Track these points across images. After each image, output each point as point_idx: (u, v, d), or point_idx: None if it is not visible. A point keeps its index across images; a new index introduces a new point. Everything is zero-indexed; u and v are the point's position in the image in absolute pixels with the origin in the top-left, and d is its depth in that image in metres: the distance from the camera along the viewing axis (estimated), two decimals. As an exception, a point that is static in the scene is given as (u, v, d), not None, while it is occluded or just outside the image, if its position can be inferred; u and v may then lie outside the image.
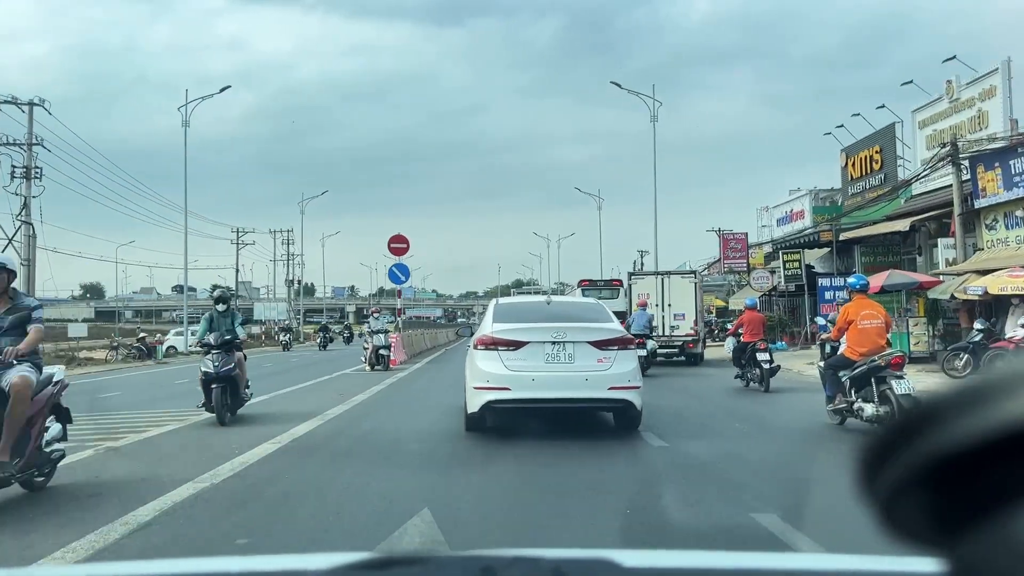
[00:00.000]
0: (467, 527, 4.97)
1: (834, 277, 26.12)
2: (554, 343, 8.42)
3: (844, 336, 9.56)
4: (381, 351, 21.57)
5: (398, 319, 28.52)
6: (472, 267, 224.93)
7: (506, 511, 5.54)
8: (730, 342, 16.50)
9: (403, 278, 26.86)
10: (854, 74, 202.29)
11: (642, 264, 74.73)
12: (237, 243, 67.63)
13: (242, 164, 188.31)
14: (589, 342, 8.45)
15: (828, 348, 11.30)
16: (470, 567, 1.06)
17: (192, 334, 47.48)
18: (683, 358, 22.82)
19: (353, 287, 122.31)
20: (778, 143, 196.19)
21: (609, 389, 8.39)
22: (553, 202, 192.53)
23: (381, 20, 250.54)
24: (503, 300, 10.97)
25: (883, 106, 31.58)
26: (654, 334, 20.88)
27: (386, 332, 21.91)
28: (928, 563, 0.64)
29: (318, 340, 43.54)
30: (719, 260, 40.30)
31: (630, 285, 24.80)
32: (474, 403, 8.55)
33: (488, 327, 8.87)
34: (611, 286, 39.64)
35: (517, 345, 8.44)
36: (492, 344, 8.51)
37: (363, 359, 22.21)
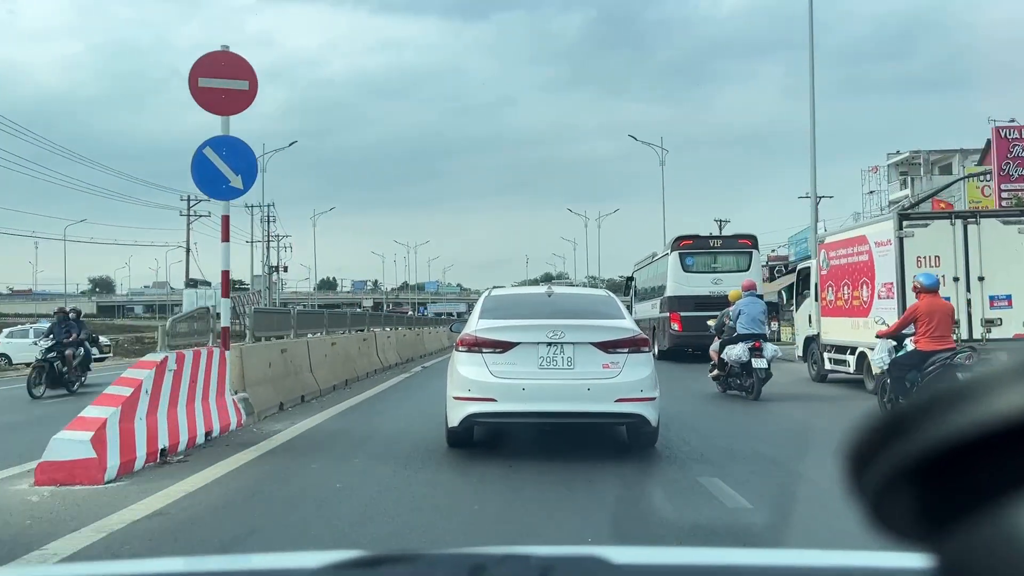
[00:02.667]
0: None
1: None
2: (550, 344, 6.95)
3: None
4: None
5: (239, 305, 10.69)
6: (503, 262, 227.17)
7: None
8: (884, 350, 9.43)
9: (238, 182, 9.11)
10: (886, 65, 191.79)
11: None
12: (188, 214, 51.79)
13: (272, 161, 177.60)
14: (593, 343, 6.98)
15: None
16: (460, 564, 1.05)
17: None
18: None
19: (376, 281, 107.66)
20: (807, 135, 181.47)
21: (617, 401, 6.87)
22: (583, 196, 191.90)
23: (407, 15, 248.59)
24: (496, 292, 8.54)
25: None
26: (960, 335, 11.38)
27: None
28: (917, 559, 0.59)
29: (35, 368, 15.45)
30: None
31: (900, 239, 12.23)
32: (454, 416, 7.07)
33: (473, 324, 7.35)
34: (736, 247, 20.96)
35: (506, 346, 6.98)
36: (476, 345, 7.04)
37: None
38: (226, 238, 9.27)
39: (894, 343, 9.63)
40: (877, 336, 10.03)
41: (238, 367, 9.21)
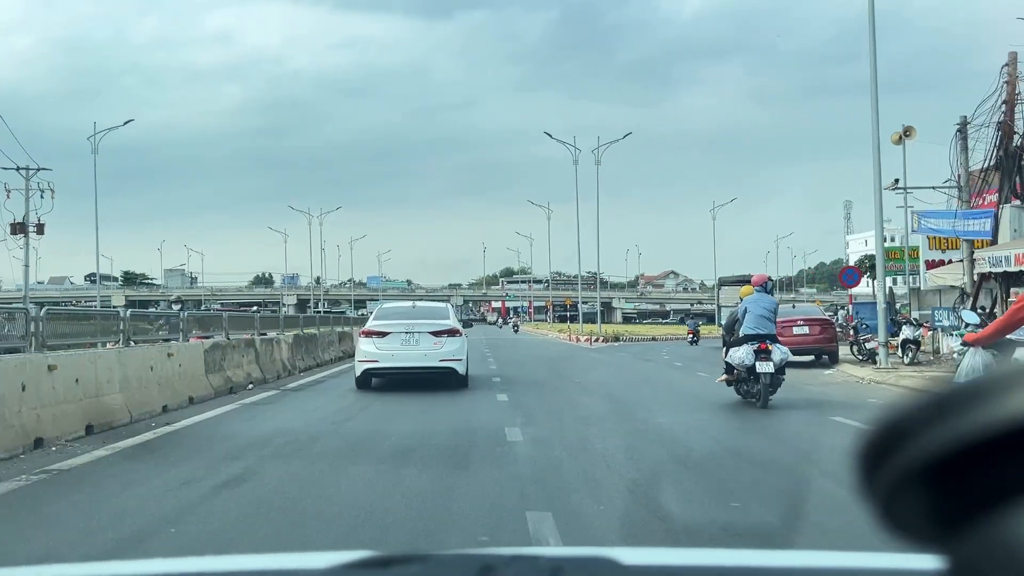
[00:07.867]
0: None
1: None
2: (407, 333, 13.50)
3: None
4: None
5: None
6: (466, 261, 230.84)
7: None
8: (977, 365, 6.85)
9: None
10: (845, 69, 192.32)
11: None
12: None
13: (232, 159, 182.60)
14: (429, 332, 13.52)
15: None
16: (469, 565, 1.07)
17: None
18: None
19: (319, 278, 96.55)
20: (769, 138, 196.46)
21: (440, 361, 13.38)
22: (548, 198, 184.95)
23: (370, 13, 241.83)
24: (386, 305, 16.52)
25: None
26: None
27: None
28: (928, 560, 0.60)
29: None
30: None
31: None
32: (358, 370, 13.63)
33: (369, 322, 14.54)
34: None
35: (383, 334, 13.53)
36: (369, 333, 13.73)
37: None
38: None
39: (993, 353, 6.69)
40: (963, 343, 7.40)
41: None
